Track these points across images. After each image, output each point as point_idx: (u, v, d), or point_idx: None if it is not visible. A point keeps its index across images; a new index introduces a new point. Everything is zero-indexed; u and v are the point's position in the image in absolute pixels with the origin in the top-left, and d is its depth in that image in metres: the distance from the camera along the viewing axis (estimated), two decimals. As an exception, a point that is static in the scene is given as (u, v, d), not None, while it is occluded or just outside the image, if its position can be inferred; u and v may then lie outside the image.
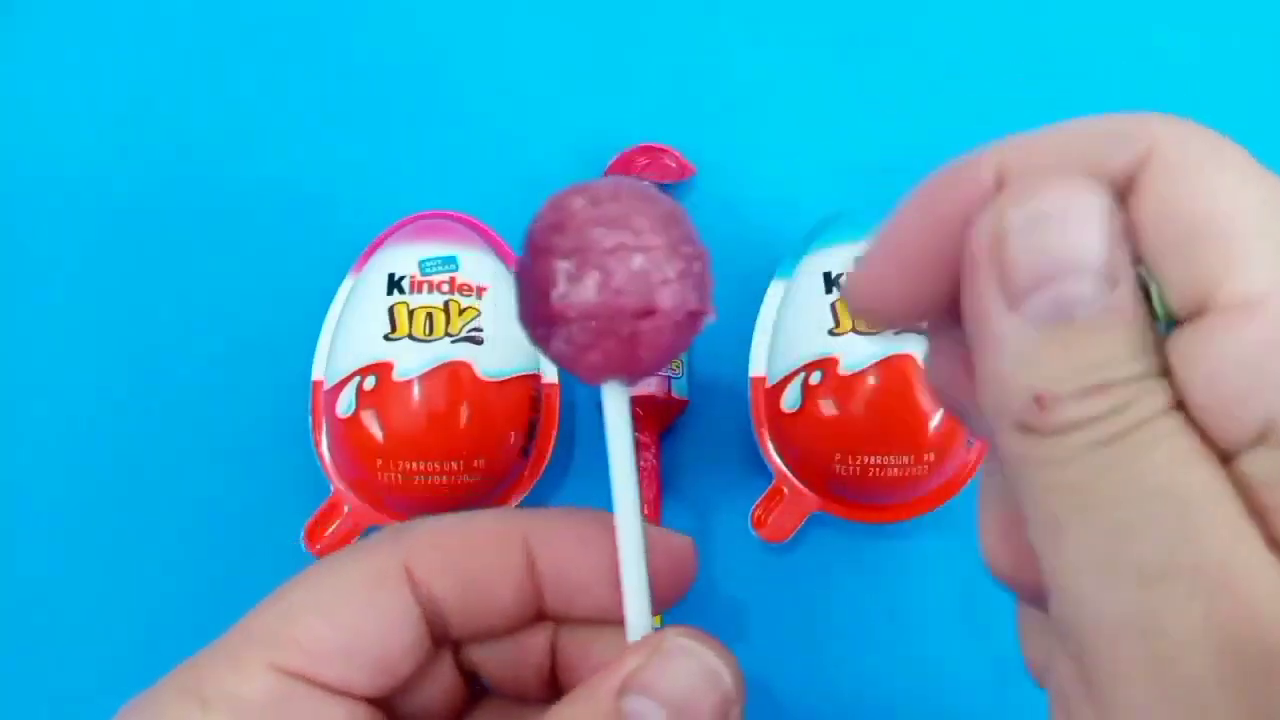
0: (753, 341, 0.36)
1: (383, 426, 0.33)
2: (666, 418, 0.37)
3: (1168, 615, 0.14)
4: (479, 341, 0.34)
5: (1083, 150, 0.17)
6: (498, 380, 0.34)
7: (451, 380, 0.33)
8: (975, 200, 0.17)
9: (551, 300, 0.18)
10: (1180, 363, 0.15)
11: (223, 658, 0.21)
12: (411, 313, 0.34)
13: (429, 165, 0.40)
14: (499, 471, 0.34)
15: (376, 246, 0.36)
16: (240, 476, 0.37)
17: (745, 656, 0.38)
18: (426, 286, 0.34)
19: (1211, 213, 0.15)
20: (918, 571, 0.38)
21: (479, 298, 0.35)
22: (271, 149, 0.40)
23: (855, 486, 0.34)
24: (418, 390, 0.33)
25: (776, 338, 0.36)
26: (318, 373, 0.35)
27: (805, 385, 0.34)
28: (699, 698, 0.20)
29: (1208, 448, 0.15)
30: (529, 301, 0.19)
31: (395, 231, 0.36)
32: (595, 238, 0.18)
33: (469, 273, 0.35)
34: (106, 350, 0.38)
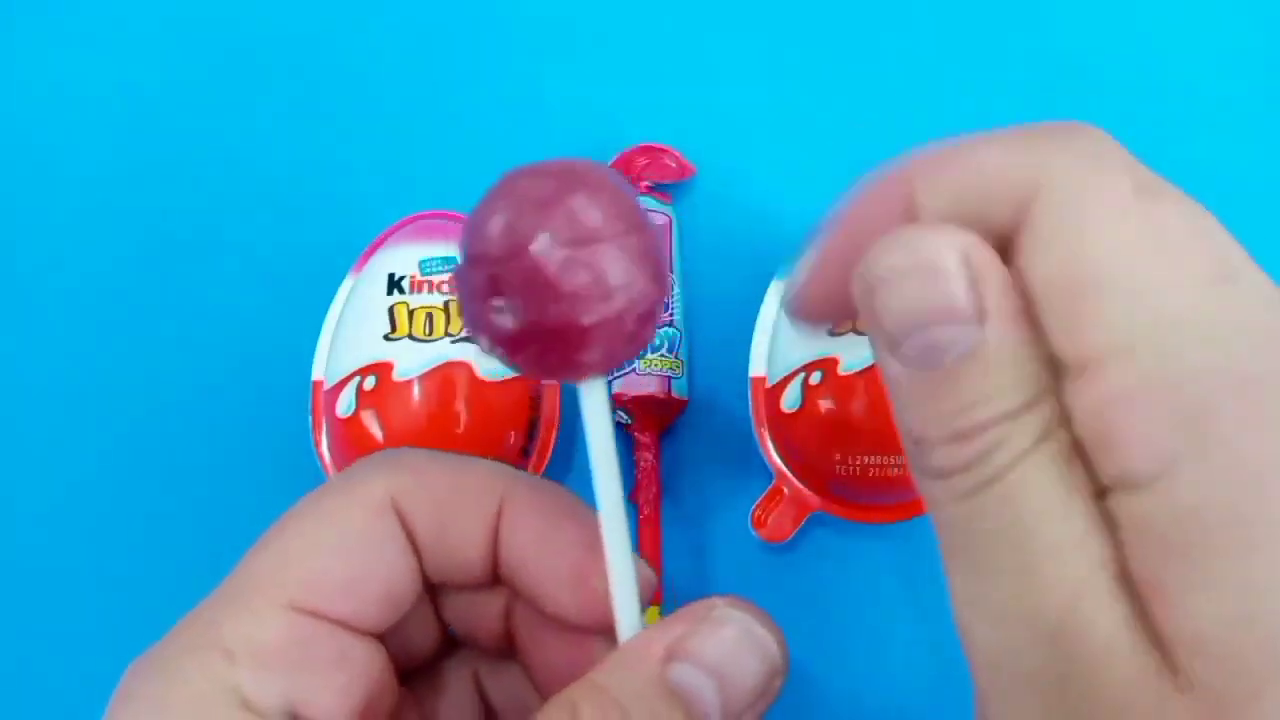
0: (753, 341, 0.36)
1: (383, 426, 0.33)
2: (666, 418, 0.37)
3: (1011, 655, 0.16)
4: (479, 341, 0.34)
5: (978, 189, 0.18)
6: (498, 380, 0.34)
7: (451, 380, 0.33)
8: (885, 229, 0.18)
9: (484, 324, 0.18)
10: (1065, 403, 0.16)
11: (235, 603, 0.20)
12: (411, 313, 0.34)
13: (429, 165, 0.40)
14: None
15: (376, 246, 0.36)
16: (240, 476, 0.37)
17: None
18: (426, 286, 0.34)
19: (1075, 271, 0.16)
20: (918, 571, 0.38)
21: (479, 298, 0.35)
22: (271, 149, 0.40)
23: (855, 486, 0.34)
24: (418, 390, 0.33)
25: (776, 338, 0.36)
26: (318, 373, 0.35)
27: (805, 385, 0.34)
28: (746, 667, 0.19)
29: (1086, 480, 0.16)
30: (470, 313, 0.19)
31: (395, 231, 0.36)
32: (530, 248, 0.17)
33: (469, 273, 0.35)
34: (107, 350, 0.38)
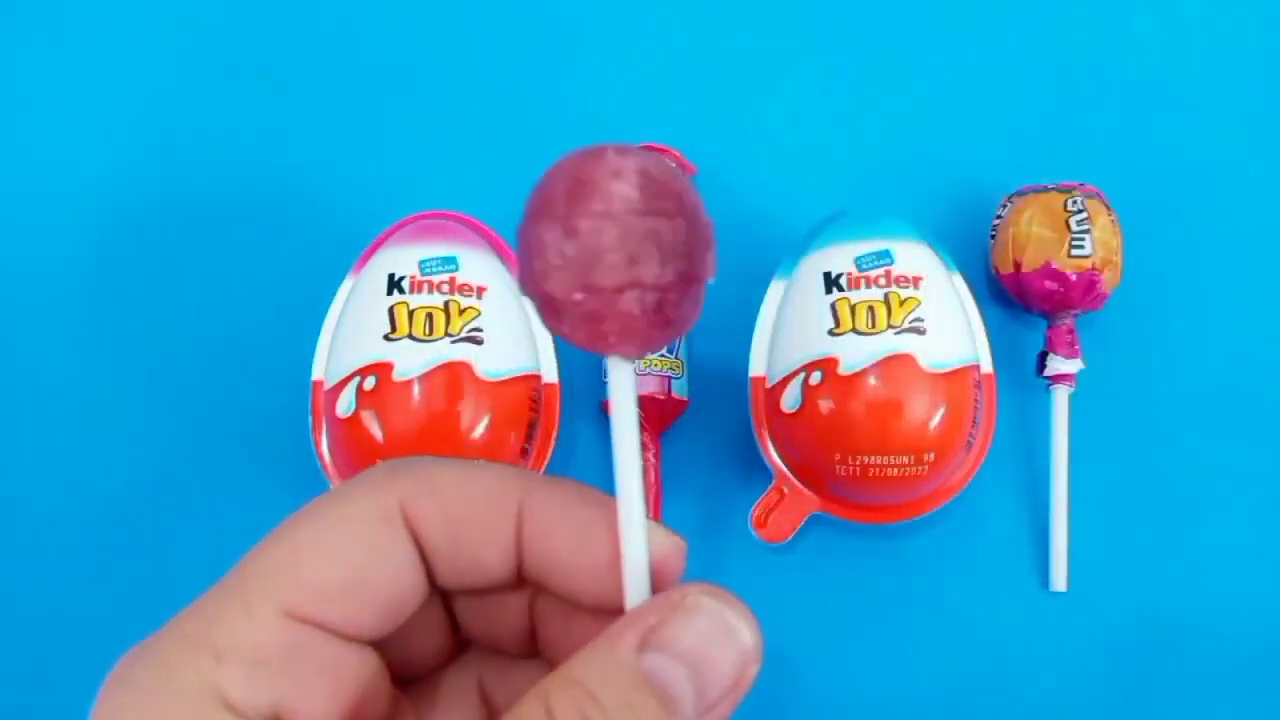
0: (753, 341, 0.36)
1: (383, 426, 0.33)
2: (666, 418, 0.37)
3: None
4: (479, 341, 0.34)
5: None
6: (498, 380, 0.34)
7: (451, 380, 0.33)
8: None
9: (541, 274, 0.18)
10: None
11: (230, 602, 0.20)
12: (411, 313, 0.34)
13: (429, 165, 0.40)
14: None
15: (376, 246, 0.36)
16: (240, 476, 0.37)
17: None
18: (426, 286, 0.34)
19: None
20: (918, 571, 0.38)
21: (479, 298, 0.35)
22: (272, 149, 0.40)
23: (855, 486, 0.34)
24: (418, 390, 0.33)
25: (776, 338, 0.36)
26: (318, 373, 0.35)
27: (805, 385, 0.34)
28: (719, 655, 0.20)
29: None
30: (525, 268, 0.19)
31: (395, 231, 0.36)
32: (589, 216, 0.19)
33: (469, 273, 0.35)
34: (107, 350, 0.38)
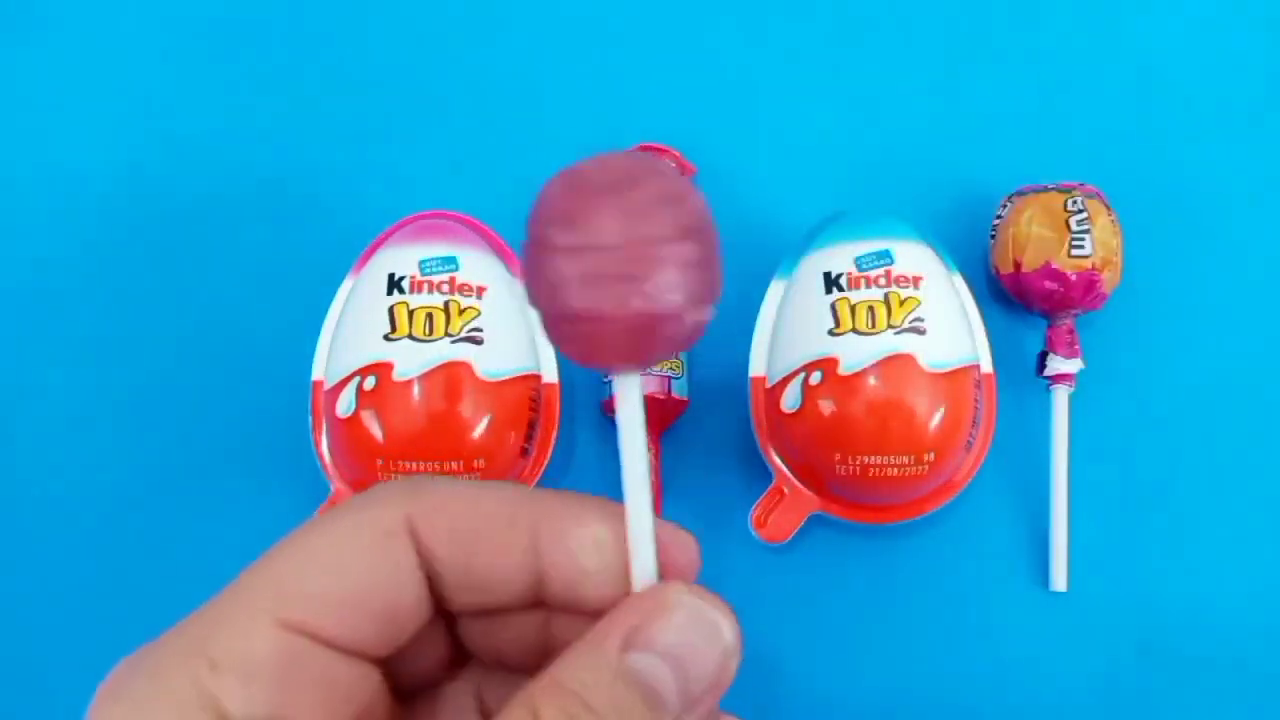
0: (753, 341, 0.36)
1: (383, 426, 0.33)
2: (666, 418, 0.37)
3: None
4: (479, 341, 0.34)
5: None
6: (498, 380, 0.34)
7: (451, 380, 0.33)
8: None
9: (554, 288, 0.18)
10: None
11: (228, 612, 0.20)
12: (411, 313, 0.34)
13: (429, 165, 0.40)
14: (499, 471, 0.34)
15: (376, 247, 0.36)
16: (240, 476, 0.37)
17: (745, 656, 0.38)
18: (426, 286, 0.34)
19: None
20: (918, 571, 0.38)
21: (479, 298, 0.35)
22: (272, 149, 0.40)
23: (855, 486, 0.34)
24: (418, 390, 0.33)
25: (776, 338, 0.36)
26: (318, 373, 0.35)
27: (805, 385, 0.34)
28: (701, 651, 0.20)
29: None
30: (532, 285, 0.19)
31: (395, 231, 0.36)
32: (598, 234, 0.18)
33: (469, 273, 0.35)
34: (107, 350, 0.38)
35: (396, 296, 0.34)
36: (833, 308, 0.34)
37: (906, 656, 0.37)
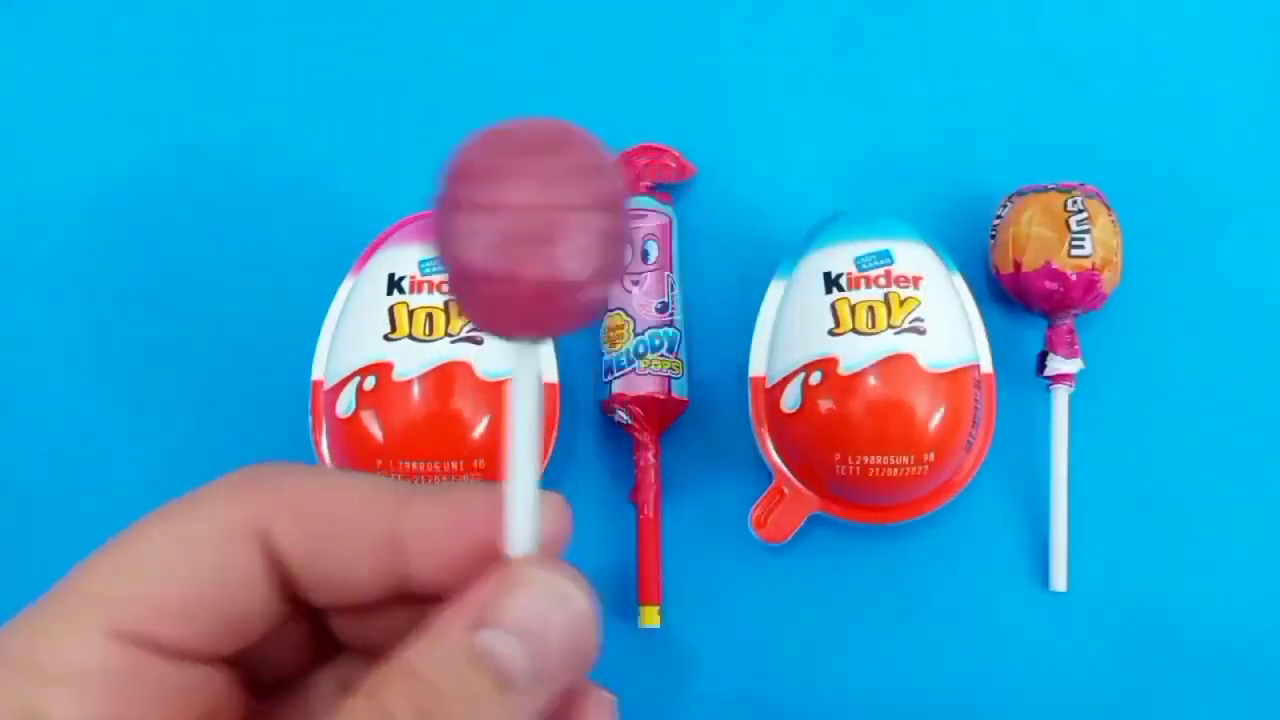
0: (753, 341, 0.36)
1: (383, 426, 0.33)
2: (666, 418, 0.37)
3: None
4: (479, 341, 0.34)
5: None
6: (498, 380, 0.34)
7: (451, 380, 0.33)
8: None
9: (457, 252, 0.18)
10: None
11: (56, 619, 0.19)
12: (412, 313, 0.34)
13: (429, 165, 0.40)
14: (498, 472, 0.34)
15: (376, 246, 0.36)
16: (240, 476, 0.37)
17: (745, 657, 0.39)
18: (426, 286, 0.34)
19: None
20: (918, 571, 0.38)
21: (479, 298, 0.35)
22: (272, 149, 0.40)
23: (855, 486, 0.34)
24: (418, 390, 0.33)
25: (776, 338, 0.36)
26: (318, 373, 0.35)
27: (805, 385, 0.34)
28: (553, 626, 0.19)
29: None
30: (440, 241, 0.19)
31: (395, 231, 0.36)
32: (514, 194, 0.18)
33: (469, 273, 0.35)
34: (107, 350, 0.38)
35: (396, 296, 0.34)
36: (833, 308, 0.34)
37: (906, 656, 0.37)
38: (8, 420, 0.38)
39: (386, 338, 0.34)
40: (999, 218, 0.38)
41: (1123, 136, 0.41)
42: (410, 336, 0.34)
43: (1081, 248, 0.35)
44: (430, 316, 0.34)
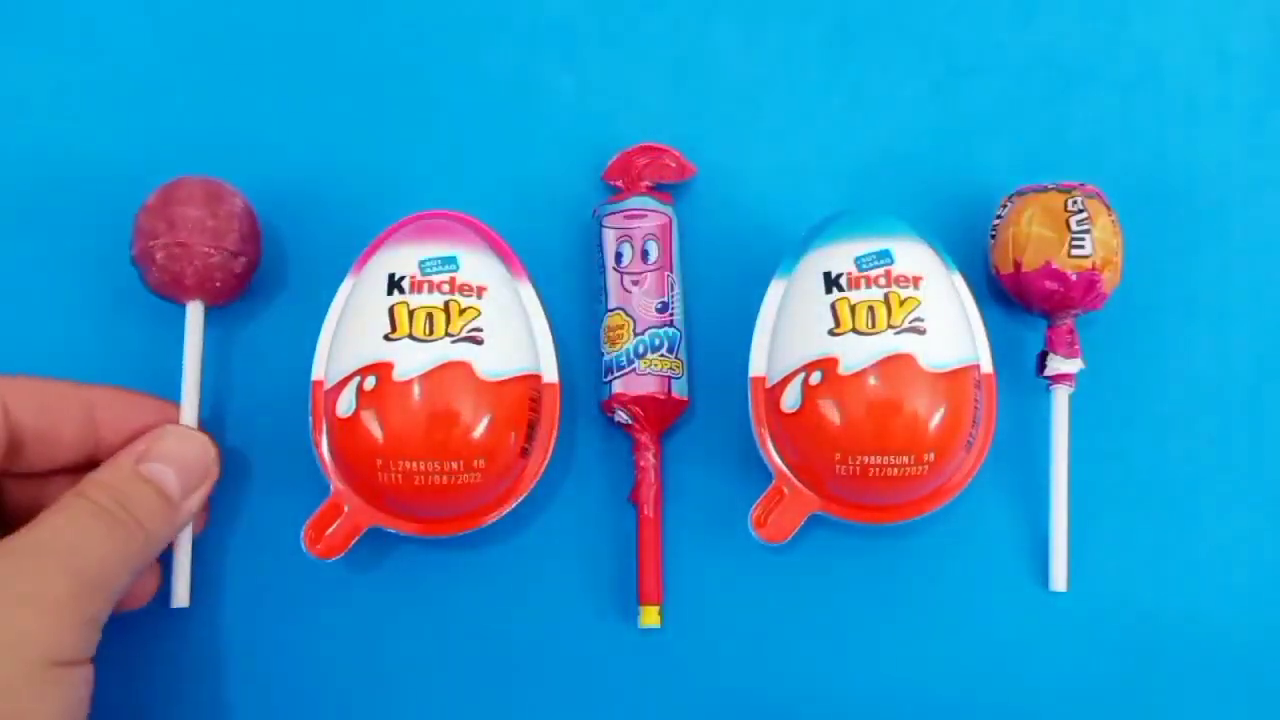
0: (753, 341, 0.36)
1: (383, 426, 0.33)
2: (667, 418, 0.37)
3: None
4: (479, 341, 0.34)
5: None
6: (498, 380, 0.34)
7: (451, 380, 0.33)
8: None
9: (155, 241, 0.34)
10: None
11: None
12: (412, 313, 0.34)
13: (429, 165, 0.40)
14: (499, 471, 0.34)
15: (376, 246, 0.36)
16: (240, 476, 0.37)
17: (745, 657, 0.39)
18: (426, 286, 0.34)
19: None
20: (918, 571, 0.38)
21: (479, 298, 0.35)
22: (271, 149, 0.40)
23: (855, 486, 0.34)
24: (418, 390, 0.33)
25: (776, 338, 0.36)
26: (318, 373, 0.35)
27: (805, 385, 0.34)
28: (191, 456, 0.33)
29: None
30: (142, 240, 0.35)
31: (395, 231, 0.36)
32: (188, 215, 0.34)
33: (469, 273, 0.35)
34: (106, 350, 0.38)
35: (396, 296, 0.34)
36: (833, 308, 0.34)
37: (906, 656, 0.37)
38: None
39: (386, 338, 0.34)
40: (999, 218, 0.38)
41: (1123, 136, 0.41)
42: (410, 336, 0.34)
43: (1081, 248, 0.35)
44: (430, 316, 0.34)
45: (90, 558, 0.29)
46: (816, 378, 0.34)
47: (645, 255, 0.37)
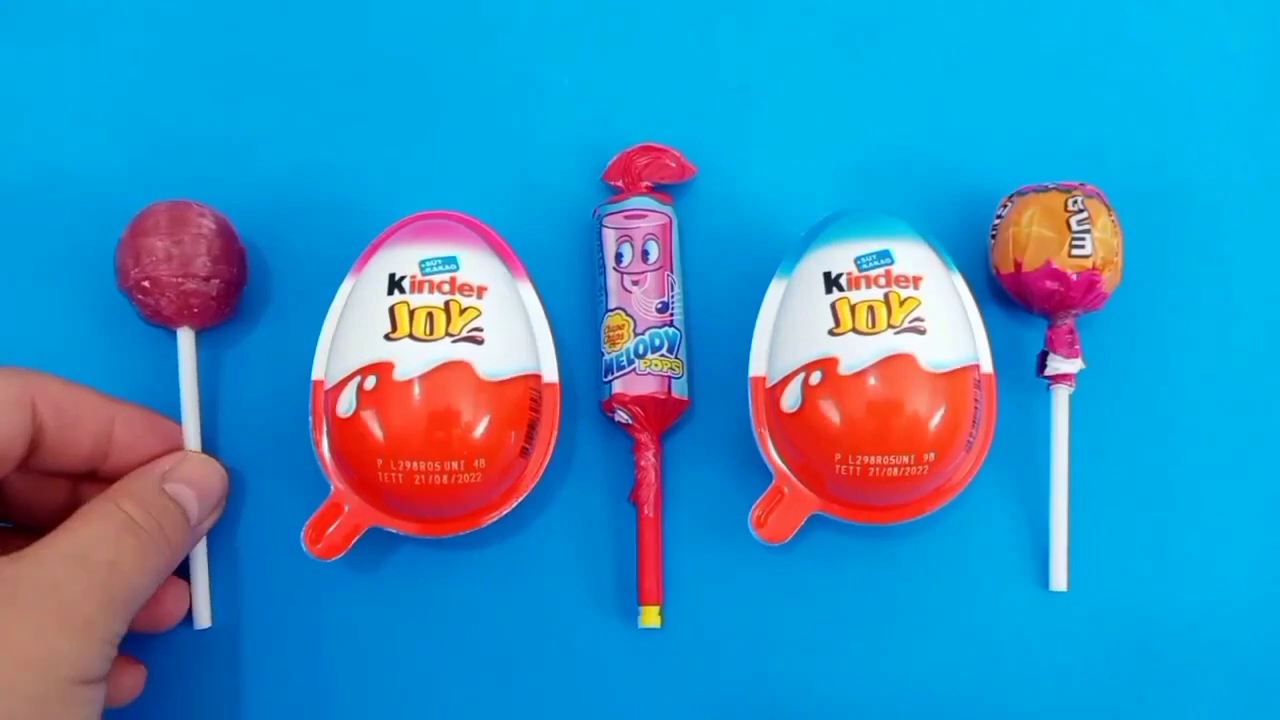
0: (753, 341, 0.36)
1: (383, 426, 0.33)
2: (666, 418, 0.37)
3: None
4: (479, 341, 0.34)
5: None
6: (498, 380, 0.34)
7: (451, 380, 0.33)
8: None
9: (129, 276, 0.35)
10: None
11: None
12: (412, 313, 0.34)
13: (429, 165, 0.40)
14: (499, 471, 0.34)
15: (377, 247, 0.36)
16: (240, 476, 0.37)
17: (745, 657, 0.39)
18: (427, 286, 0.34)
19: None
20: (918, 571, 0.38)
21: (479, 298, 0.35)
22: (272, 149, 0.40)
23: (855, 486, 0.34)
24: (418, 390, 0.33)
25: (776, 338, 0.36)
26: (318, 373, 0.35)
27: (805, 385, 0.34)
28: (211, 481, 0.35)
29: None
30: (129, 265, 0.35)
31: (395, 231, 0.36)
32: (152, 246, 0.35)
33: (469, 273, 0.35)
34: (106, 350, 0.38)
35: (397, 296, 0.34)
36: (833, 308, 0.34)
37: (906, 656, 0.37)
38: None
39: (387, 338, 0.34)
40: (999, 218, 0.38)
41: (1123, 136, 0.41)
42: (411, 336, 0.34)
43: (1082, 248, 0.35)
44: (431, 316, 0.34)
45: (123, 575, 0.29)
46: (816, 378, 0.34)
47: (645, 255, 0.37)
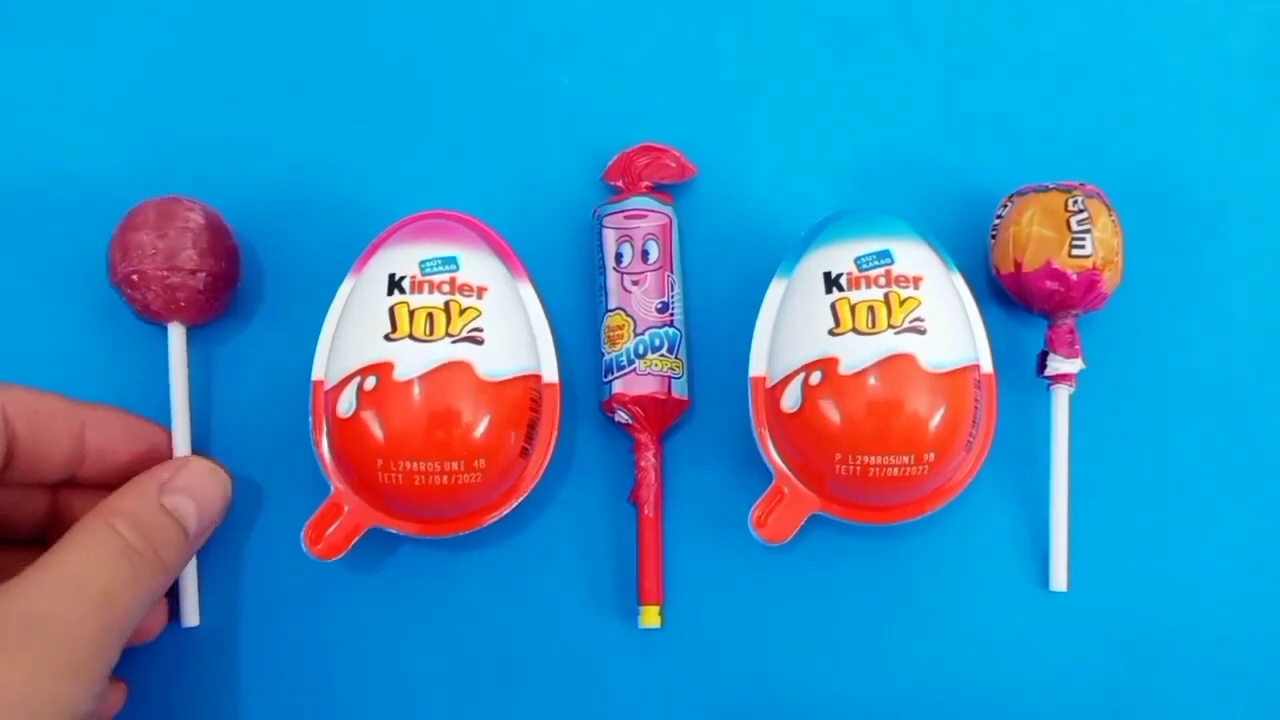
0: (753, 341, 0.36)
1: (383, 426, 0.33)
2: (667, 418, 0.37)
3: None
4: (479, 342, 0.34)
5: None
6: (498, 380, 0.34)
7: (451, 380, 0.33)
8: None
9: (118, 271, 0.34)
10: None
11: None
12: (412, 313, 0.34)
13: (429, 165, 0.40)
14: (499, 471, 0.34)
15: (377, 247, 0.36)
16: (240, 476, 0.37)
17: (745, 657, 0.39)
18: (427, 287, 0.34)
19: None
20: (918, 571, 0.38)
21: (479, 298, 0.35)
22: (272, 149, 0.40)
23: (855, 486, 0.34)
24: (418, 390, 0.33)
25: (776, 338, 0.36)
26: (318, 373, 0.35)
27: (805, 385, 0.34)
28: (212, 491, 0.33)
29: None
30: (120, 259, 0.35)
31: (395, 232, 0.36)
32: (139, 240, 0.34)
33: (469, 273, 0.35)
34: (106, 349, 0.38)
35: (397, 296, 0.34)
36: (833, 308, 0.34)
37: (906, 656, 0.37)
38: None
39: (387, 338, 0.34)
40: (999, 218, 0.38)
41: (1123, 136, 0.41)
42: (411, 336, 0.34)
43: (1082, 248, 0.35)
44: (431, 316, 0.34)
45: (118, 604, 0.29)
46: (817, 377, 0.34)
47: (645, 255, 0.37)
